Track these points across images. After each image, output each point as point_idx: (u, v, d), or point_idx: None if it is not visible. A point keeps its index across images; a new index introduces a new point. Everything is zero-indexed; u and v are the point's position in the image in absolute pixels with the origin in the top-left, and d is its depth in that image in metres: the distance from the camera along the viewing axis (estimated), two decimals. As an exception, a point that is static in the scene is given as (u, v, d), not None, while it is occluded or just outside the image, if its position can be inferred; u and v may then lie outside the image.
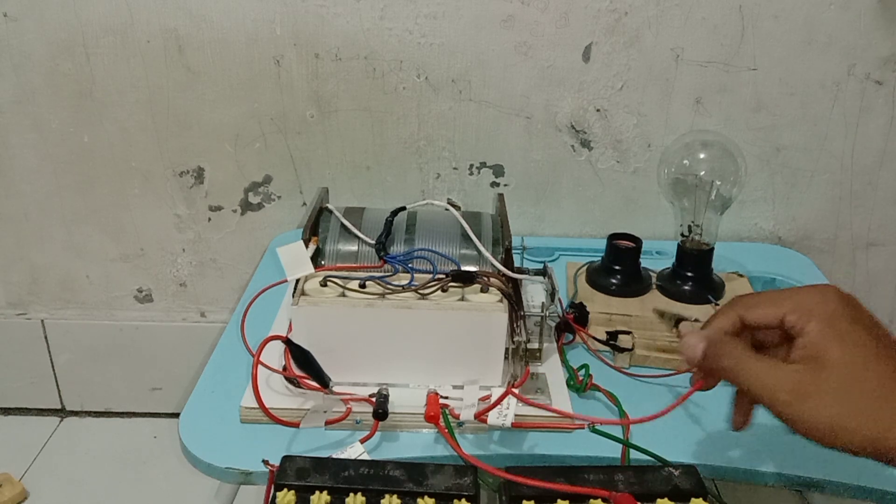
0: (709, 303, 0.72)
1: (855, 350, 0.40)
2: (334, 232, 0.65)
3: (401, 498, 0.45)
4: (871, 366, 0.39)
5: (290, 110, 0.86)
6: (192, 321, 1.01)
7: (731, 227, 0.92)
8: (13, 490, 0.91)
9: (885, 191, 0.90)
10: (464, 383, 0.57)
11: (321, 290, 0.58)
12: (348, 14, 0.81)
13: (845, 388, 0.39)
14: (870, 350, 0.40)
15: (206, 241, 0.95)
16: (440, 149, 0.89)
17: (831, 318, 0.41)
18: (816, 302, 0.42)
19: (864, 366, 0.39)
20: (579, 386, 0.60)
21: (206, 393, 0.60)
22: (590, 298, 0.73)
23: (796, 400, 0.39)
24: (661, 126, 0.87)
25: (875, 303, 0.97)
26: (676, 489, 0.46)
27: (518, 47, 0.83)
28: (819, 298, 0.42)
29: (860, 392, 0.38)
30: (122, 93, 0.86)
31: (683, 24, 0.82)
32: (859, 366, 0.39)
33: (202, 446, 0.54)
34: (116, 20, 0.82)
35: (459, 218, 0.65)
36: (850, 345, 0.40)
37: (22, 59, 0.84)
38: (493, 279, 0.60)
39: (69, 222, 0.94)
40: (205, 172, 0.91)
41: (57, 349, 1.02)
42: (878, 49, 0.82)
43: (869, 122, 0.86)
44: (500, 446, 0.55)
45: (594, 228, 0.93)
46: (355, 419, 0.55)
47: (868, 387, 0.39)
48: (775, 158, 0.89)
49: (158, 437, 1.03)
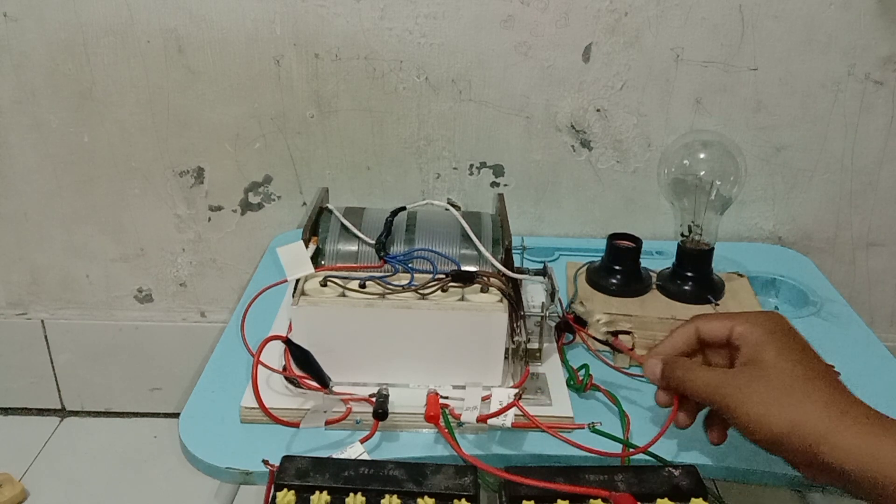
0: (709, 303, 0.72)
1: (787, 355, 0.47)
2: (334, 232, 0.65)
3: (401, 498, 0.45)
4: (798, 368, 0.46)
5: (290, 110, 0.86)
6: (192, 321, 1.01)
7: (731, 227, 0.93)
8: (13, 490, 0.91)
9: (885, 191, 0.90)
10: (465, 384, 0.57)
11: (321, 290, 0.58)
12: (348, 14, 0.81)
13: (776, 382, 0.46)
14: (799, 357, 0.47)
15: (206, 241, 0.95)
16: (440, 149, 0.89)
17: (772, 332, 0.49)
18: (762, 319, 0.50)
19: (793, 367, 0.46)
20: (579, 386, 0.60)
21: (206, 393, 0.60)
22: (590, 298, 0.73)
23: (738, 392, 0.46)
24: (661, 126, 0.87)
25: (875, 303, 0.97)
26: (676, 489, 0.46)
27: (518, 47, 0.83)
28: (765, 317, 0.51)
29: (788, 386, 0.45)
30: (122, 93, 0.86)
31: (683, 24, 0.82)
32: (789, 367, 0.46)
33: (202, 446, 0.54)
34: (116, 20, 0.82)
35: (459, 218, 0.65)
36: (785, 351, 0.47)
37: (22, 59, 0.84)
38: (493, 279, 0.60)
39: (69, 222, 0.94)
40: (205, 172, 0.91)
41: (57, 349, 1.02)
42: (878, 49, 0.82)
43: (869, 122, 0.86)
44: (500, 446, 0.55)
45: (594, 228, 0.93)
46: (355, 419, 0.55)
47: (795, 383, 0.45)
48: (775, 158, 0.89)
49: (158, 437, 1.03)
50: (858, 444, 0.42)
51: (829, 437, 0.43)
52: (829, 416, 0.44)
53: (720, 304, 0.72)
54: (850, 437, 0.43)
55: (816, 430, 0.43)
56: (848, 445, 0.42)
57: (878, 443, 0.42)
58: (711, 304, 0.72)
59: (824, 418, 0.44)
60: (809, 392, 0.45)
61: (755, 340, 0.48)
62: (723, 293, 0.74)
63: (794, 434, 0.44)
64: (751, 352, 0.48)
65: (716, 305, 0.71)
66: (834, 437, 0.43)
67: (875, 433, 0.43)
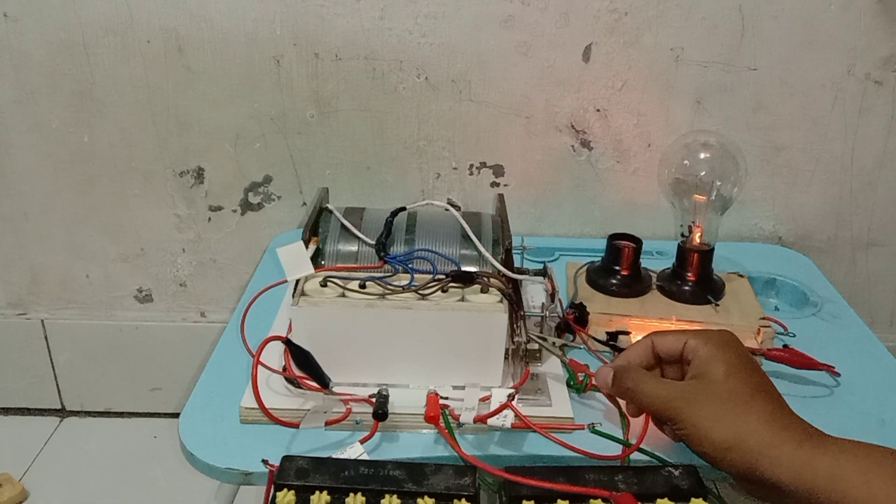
0: (709, 303, 0.72)
1: (735, 371, 0.49)
2: (334, 232, 0.65)
3: (401, 498, 0.45)
4: (744, 384, 0.48)
5: (290, 110, 0.86)
6: (192, 321, 1.01)
7: (731, 227, 0.93)
8: (13, 490, 0.91)
9: (885, 191, 0.90)
10: (464, 384, 0.57)
11: (321, 291, 0.58)
12: (348, 14, 0.81)
13: (723, 396, 0.48)
14: (745, 374, 0.49)
15: (206, 241, 0.95)
16: (440, 149, 0.89)
17: (722, 347, 0.51)
18: (714, 335, 0.52)
19: (739, 383, 0.48)
20: (579, 386, 0.60)
21: (206, 393, 0.60)
22: (590, 298, 0.73)
23: (686, 405, 0.48)
24: (661, 126, 0.87)
25: (875, 303, 0.98)
26: (676, 489, 0.46)
27: (518, 47, 0.83)
28: (717, 334, 0.52)
29: (734, 401, 0.47)
30: (122, 93, 0.86)
31: (683, 24, 0.82)
32: (735, 383, 0.48)
33: (202, 446, 0.54)
34: (116, 20, 0.82)
35: (459, 218, 0.65)
36: (733, 367, 0.49)
37: (22, 59, 0.84)
38: (493, 279, 0.60)
39: (69, 222, 0.94)
40: (205, 172, 0.91)
41: (57, 349, 1.02)
42: (878, 49, 0.82)
43: (869, 122, 0.86)
44: (500, 446, 0.55)
45: (594, 228, 0.93)
46: (355, 419, 0.55)
47: (740, 399, 0.47)
48: (775, 158, 0.89)
49: (158, 437, 1.03)
50: (796, 458, 0.44)
51: (769, 451, 0.45)
52: (771, 432, 0.45)
53: (720, 305, 0.72)
54: (788, 451, 0.44)
55: (758, 445, 0.45)
56: (787, 459, 0.44)
57: (814, 456, 0.44)
58: (712, 305, 0.72)
59: (766, 433, 0.45)
60: (753, 408, 0.47)
61: (705, 355, 0.50)
62: (723, 293, 0.74)
63: (736, 448, 0.45)
64: (700, 366, 0.50)
65: (716, 306, 0.71)
66: (773, 450, 0.45)
67: (813, 446, 0.45)
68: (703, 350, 0.51)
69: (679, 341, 0.53)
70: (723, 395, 0.48)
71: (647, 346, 0.55)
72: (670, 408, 0.49)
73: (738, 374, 0.49)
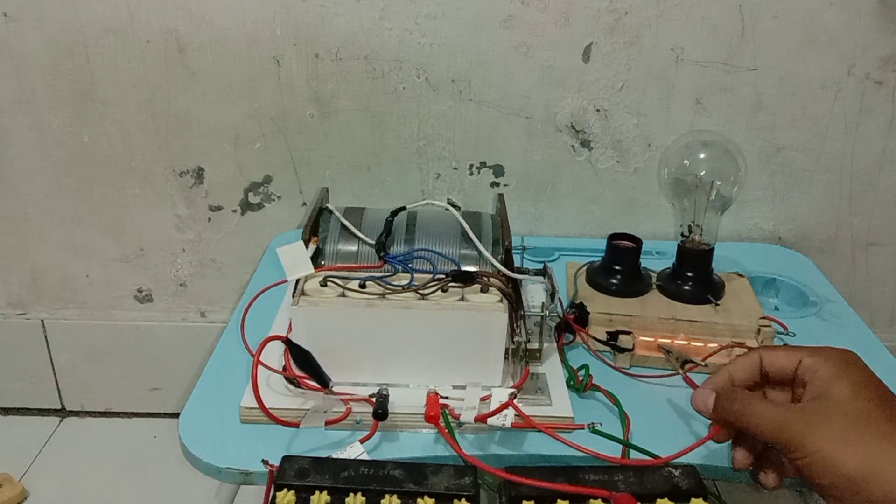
0: (709, 303, 0.72)
1: (864, 392, 0.43)
2: (334, 232, 0.65)
3: (401, 498, 0.45)
4: (875, 406, 0.42)
5: (290, 110, 0.86)
6: (192, 321, 1.01)
7: (731, 227, 0.93)
8: (13, 490, 0.91)
9: (884, 191, 0.90)
10: (465, 384, 0.57)
11: (321, 290, 0.58)
12: (348, 14, 0.81)
13: (852, 417, 0.41)
14: (876, 395, 0.43)
15: (206, 241, 0.95)
16: (440, 149, 0.89)
17: (845, 364, 0.44)
18: (833, 353, 0.46)
19: (870, 404, 0.42)
20: (579, 386, 0.60)
21: (206, 393, 0.60)
22: (590, 298, 0.73)
23: (807, 427, 0.41)
24: (661, 126, 0.87)
25: (875, 303, 0.98)
26: (676, 489, 0.46)
27: (518, 47, 0.83)
28: (836, 352, 0.46)
29: (867, 422, 0.41)
30: (122, 93, 0.86)
31: (683, 24, 0.82)
32: (865, 404, 0.42)
33: (202, 446, 0.54)
34: (116, 20, 0.82)
35: (459, 218, 0.65)
36: (861, 387, 0.43)
37: (22, 59, 0.84)
38: (493, 279, 0.60)
39: (69, 222, 0.94)
40: (205, 172, 0.91)
41: (57, 349, 1.02)
42: (878, 49, 0.82)
43: (869, 122, 0.86)
44: (500, 446, 0.55)
45: (594, 228, 0.93)
46: (355, 419, 0.55)
47: (874, 420, 0.41)
48: (775, 158, 0.89)
49: (158, 437, 1.03)
50: None
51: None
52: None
53: (720, 305, 0.72)
54: None
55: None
56: None
57: None
58: (712, 304, 0.72)
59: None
60: (889, 433, 0.40)
61: (826, 374, 0.44)
62: (723, 293, 0.74)
63: (874, 480, 0.39)
64: (821, 386, 0.44)
65: (716, 306, 0.71)
66: None
67: None
68: (823, 369, 0.44)
69: (793, 359, 0.46)
70: (851, 417, 0.41)
71: (753, 364, 0.48)
72: (787, 432, 0.42)
73: (866, 395, 0.42)
